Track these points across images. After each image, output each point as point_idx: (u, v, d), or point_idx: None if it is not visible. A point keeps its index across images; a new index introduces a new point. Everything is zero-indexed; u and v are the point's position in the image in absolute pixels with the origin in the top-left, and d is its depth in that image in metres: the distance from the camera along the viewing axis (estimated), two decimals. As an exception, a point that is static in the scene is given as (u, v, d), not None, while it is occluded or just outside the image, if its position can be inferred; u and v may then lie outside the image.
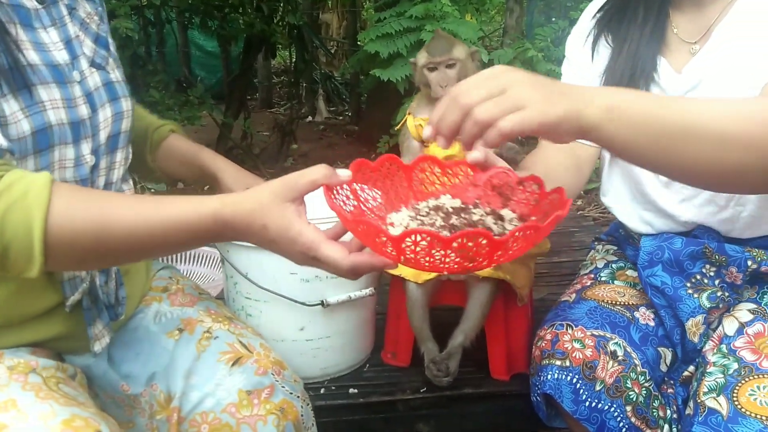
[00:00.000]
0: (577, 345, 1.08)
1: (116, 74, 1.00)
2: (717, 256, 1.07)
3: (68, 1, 0.93)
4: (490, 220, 0.83)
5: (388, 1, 3.83)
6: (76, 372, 0.96)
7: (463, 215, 0.83)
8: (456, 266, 0.71)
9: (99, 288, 0.95)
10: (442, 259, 0.70)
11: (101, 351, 0.97)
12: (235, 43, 4.94)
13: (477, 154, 0.81)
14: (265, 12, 3.95)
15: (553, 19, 4.29)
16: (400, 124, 1.30)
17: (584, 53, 1.23)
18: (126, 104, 1.00)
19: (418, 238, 0.68)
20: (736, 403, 0.90)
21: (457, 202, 0.87)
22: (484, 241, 0.69)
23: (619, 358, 1.06)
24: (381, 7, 3.90)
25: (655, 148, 0.79)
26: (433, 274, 1.20)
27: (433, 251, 0.70)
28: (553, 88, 0.76)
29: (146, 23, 4.59)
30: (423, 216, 0.83)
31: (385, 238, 0.70)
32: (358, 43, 4.19)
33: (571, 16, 3.99)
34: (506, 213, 0.86)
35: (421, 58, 1.25)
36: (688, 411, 0.96)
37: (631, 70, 1.13)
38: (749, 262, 1.06)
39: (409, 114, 1.27)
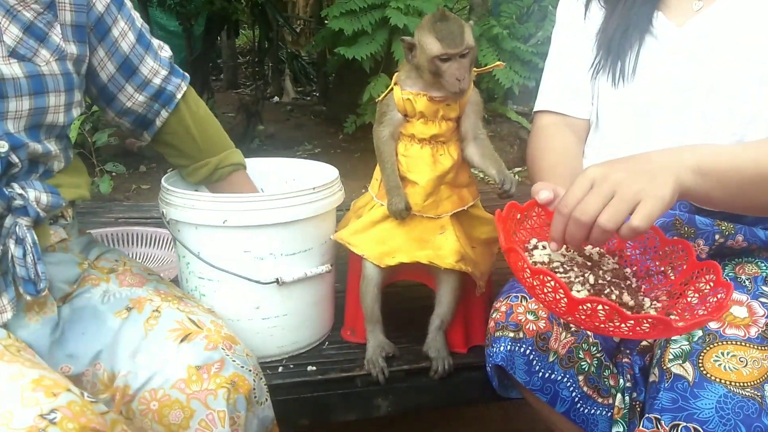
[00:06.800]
0: (530, 317, 1.08)
1: (52, 67, 0.99)
2: (686, 228, 1.08)
3: None
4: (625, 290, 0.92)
5: (352, -23, 3.77)
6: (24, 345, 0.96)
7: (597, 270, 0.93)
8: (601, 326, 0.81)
9: (13, 261, 0.95)
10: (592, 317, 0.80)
11: (2, 324, 0.97)
12: (195, 21, 4.83)
13: (547, 194, 0.92)
14: (226, -11, 3.87)
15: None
16: (383, 95, 1.21)
17: (577, 14, 1.22)
18: (56, 99, 1.00)
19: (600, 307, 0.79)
20: (702, 368, 0.92)
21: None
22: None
23: (572, 329, 1.07)
24: (345, -16, 3.84)
25: (737, 195, 0.92)
26: (397, 260, 1.20)
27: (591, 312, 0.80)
28: (645, 167, 0.84)
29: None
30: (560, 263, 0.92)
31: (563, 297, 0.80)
32: (325, 21, 4.13)
33: (535, -8, 3.99)
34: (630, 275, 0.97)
35: (433, 47, 1.10)
36: (652, 378, 0.97)
37: (624, 26, 1.13)
38: (717, 236, 1.07)
39: (395, 84, 1.20)
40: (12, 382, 0.80)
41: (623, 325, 0.79)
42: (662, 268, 0.96)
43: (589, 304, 0.79)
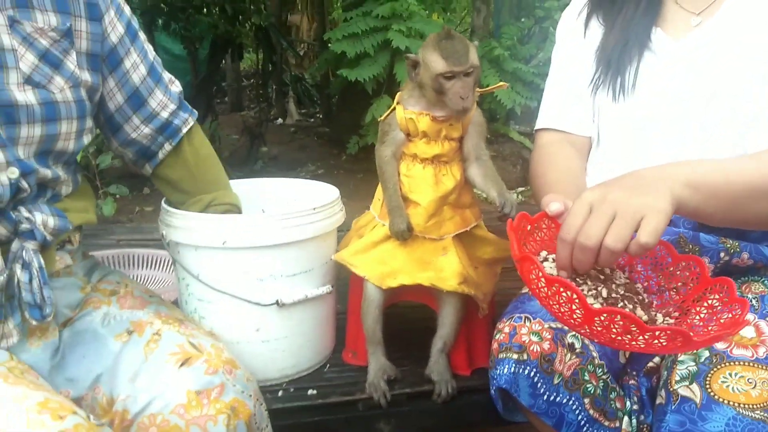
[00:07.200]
0: (534, 338, 1.06)
1: (66, 95, 0.99)
2: (691, 246, 1.07)
3: (12, 12, 0.93)
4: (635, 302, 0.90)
5: (354, 1, 3.82)
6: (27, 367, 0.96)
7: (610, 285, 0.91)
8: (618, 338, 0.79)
9: (20, 286, 0.95)
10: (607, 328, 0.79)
11: (6, 348, 0.97)
12: (200, 45, 4.89)
13: (558, 206, 0.89)
14: (229, 13, 3.92)
15: (522, 20, 4.32)
16: (385, 114, 1.21)
17: (577, 32, 1.23)
18: (68, 127, 1.00)
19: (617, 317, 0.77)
20: (709, 390, 0.90)
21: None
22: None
23: (577, 350, 1.05)
24: (348, 7, 3.89)
25: (732, 209, 0.91)
26: (398, 282, 1.19)
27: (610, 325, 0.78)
28: (639, 183, 0.84)
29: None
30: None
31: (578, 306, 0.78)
32: (328, 44, 4.18)
33: (536, 14, 4.03)
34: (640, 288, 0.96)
35: (438, 65, 1.10)
36: (659, 400, 0.96)
37: (623, 42, 1.14)
38: (722, 254, 1.06)
39: (398, 104, 1.20)
40: (17, 405, 0.79)
41: (640, 337, 0.77)
42: (674, 285, 0.95)
43: (605, 315, 0.77)
